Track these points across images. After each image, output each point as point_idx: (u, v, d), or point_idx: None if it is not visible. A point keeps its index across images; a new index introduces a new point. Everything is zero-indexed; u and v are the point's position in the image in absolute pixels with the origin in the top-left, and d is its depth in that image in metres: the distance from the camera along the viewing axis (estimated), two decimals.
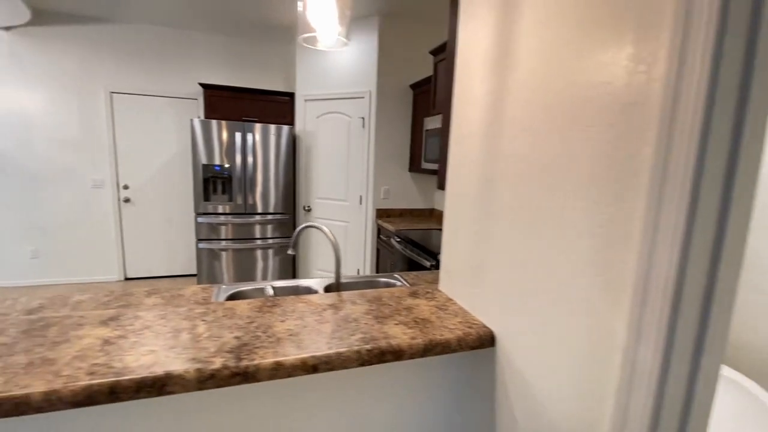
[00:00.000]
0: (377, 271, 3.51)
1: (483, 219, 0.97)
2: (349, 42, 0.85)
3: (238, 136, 3.43)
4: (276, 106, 3.92)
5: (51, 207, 3.75)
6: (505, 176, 0.89)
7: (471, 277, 1.04)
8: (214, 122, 3.37)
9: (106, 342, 0.80)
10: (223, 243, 3.55)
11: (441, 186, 1.51)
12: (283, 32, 3.81)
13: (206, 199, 3.46)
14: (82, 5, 3.30)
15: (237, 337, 0.84)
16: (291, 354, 0.78)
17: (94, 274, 3.96)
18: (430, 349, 0.87)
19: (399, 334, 0.89)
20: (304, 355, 0.79)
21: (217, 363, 0.74)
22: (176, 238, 4.16)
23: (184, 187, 4.09)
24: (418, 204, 3.65)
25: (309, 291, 1.62)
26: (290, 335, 0.86)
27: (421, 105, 3.21)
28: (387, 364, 1.00)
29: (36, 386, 0.65)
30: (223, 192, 3.55)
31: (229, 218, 3.53)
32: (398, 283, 1.69)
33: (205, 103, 3.71)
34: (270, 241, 3.73)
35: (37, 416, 0.78)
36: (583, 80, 0.67)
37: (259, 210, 3.62)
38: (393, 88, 3.36)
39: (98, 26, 3.62)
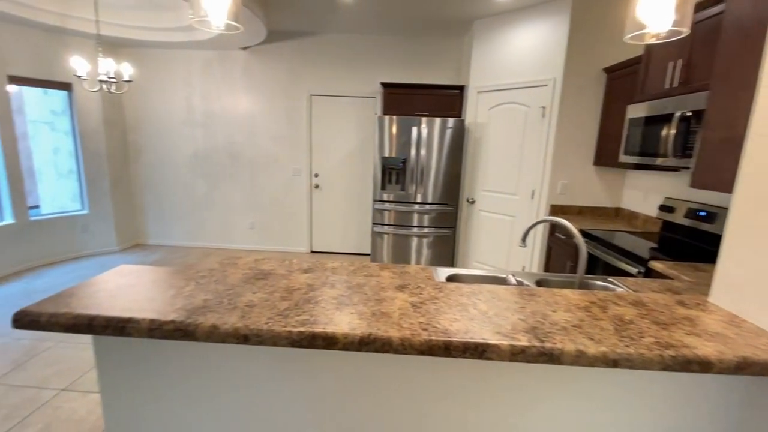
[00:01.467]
0: (546, 270, 3.33)
1: None
2: (686, 31, 0.80)
3: (414, 130, 3.66)
4: (445, 100, 4.04)
5: (264, 189, 4.70)
6: None
7: None
8: (393, 117, 3.67)
9: (414, 306, 0.97)
10: (392, 228, 3.87)
11: (697, 184, 1.32)
12: (455, 27, 3.87)
13: (382, 187, 3.82)
14: (301, 23, 3.97)
15: (522, 320, 0.91)
16: (589, 345, 0.81)
17: (290, 245, 4.83)
18: (743, 368, 0.79)
19: (699, 345, 0.82)
20: (604, 348, 0.80)
21: (524, 340, 0.81)
22: (350, 220, 4.73)
23: (359, 175, 4.61)
24: (602, 202, 3.30)
25: (520, 284, 1.63)
26: (573, 326, 0.89)
27: (619, 91, 2.86)
28: (683, 373, 0.94)
29: (392, 333, 0.82)
30: (397, 182, 3.86)
31: (399, 206, 3.82)
32: (618, 288, 1.57)
33: (383, 100, 4.07)
34: (426, 230, 3.89)
35: (389, 355, 1.00)
36: None
37: (425, 200, 3.81)
38: (581, 73, 3.08)
39: (305, 39, 4.32)
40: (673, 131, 2.06)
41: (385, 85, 4.02)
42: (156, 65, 4.46)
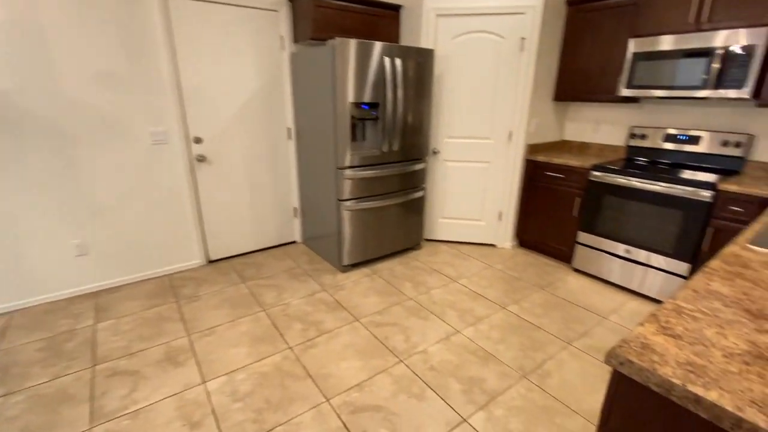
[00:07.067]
0: (524, 212, 3.38)
1: None
2: None
3: (387, 63, 2.66)
4: (378, 22, 3.12)
5: (96, 179, 2.52)
6: None
7: None
8: (364, 44, 2.53)
9: None
10: (368, 201, 2.91)
11: None
12: None
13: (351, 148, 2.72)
14: None
15: None
16: None
17: (168, 263, 2.93)
18: None
19: None
20: None
21: None
22: (264, 201, 3.27)
23: (268, 134, 3.14)
24: (554, 136, 3.51)
25: None
26: None
27: (594, 24, 2.90)
28: None
29: None
30: (364, 138, 2.84)
31: (375, 170, 2.87)
32: None
33: (313, 17, 2.73)
34: (400, 195, 3.08)
35: None
36: None
37: (402, 157, 3.02)
38: (548, 4, 2.93)
39: None
40: (716, 65, 2.26)
41: None
42: None
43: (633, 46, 2.63)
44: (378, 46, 2.60)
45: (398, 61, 2.71)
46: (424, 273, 2.98)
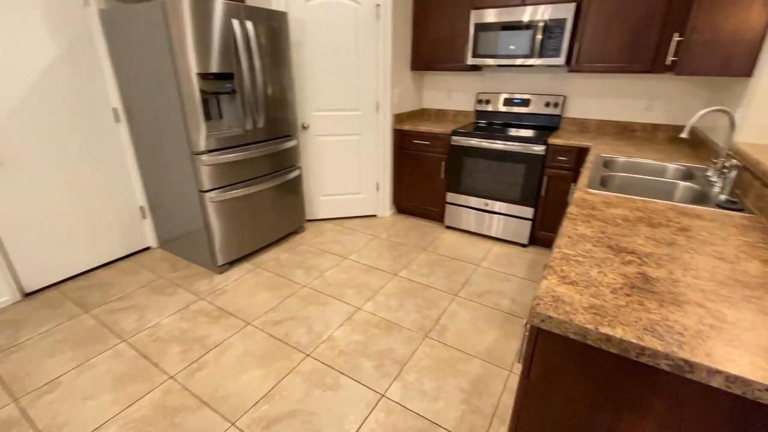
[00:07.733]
0: (398, 181, 3.52)
1: None
2: None
3: (236, 25, 2.29)
4: None
5: None
6: None
7: None
8: (202, 2, 2.09)
9: None
10: (239, 188, 2.57)
11: (686, 71, 1.95)
12: None
13: (208, 129, 2.31)
14: None
15: None
16: None
17: None
18: None
19: None
20: None
21: None
22: (97, 203, 2.59)
23: (87, 116, 2.44)
24: (414, 105, 3.68)
25: None
26: None
27: None
28: None
29: None
30: (221, 116, 2.45)
31: (241, 152, 2.52)
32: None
33: None
34: (275, 176, 2.83)
35: None
36: None
37: (270, 135, 2.73)
38: None
39: None
40: (539, 36, 2.64)
41: None
42: None
43: (473, 17, 2.87)
44: (221, 5, 2.20)
45: (249, 24, 2.37)
46: (314, 256, 2.86)
